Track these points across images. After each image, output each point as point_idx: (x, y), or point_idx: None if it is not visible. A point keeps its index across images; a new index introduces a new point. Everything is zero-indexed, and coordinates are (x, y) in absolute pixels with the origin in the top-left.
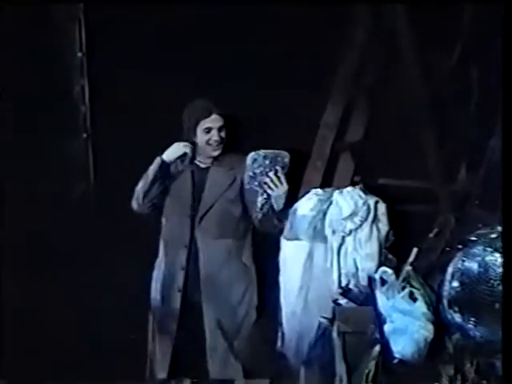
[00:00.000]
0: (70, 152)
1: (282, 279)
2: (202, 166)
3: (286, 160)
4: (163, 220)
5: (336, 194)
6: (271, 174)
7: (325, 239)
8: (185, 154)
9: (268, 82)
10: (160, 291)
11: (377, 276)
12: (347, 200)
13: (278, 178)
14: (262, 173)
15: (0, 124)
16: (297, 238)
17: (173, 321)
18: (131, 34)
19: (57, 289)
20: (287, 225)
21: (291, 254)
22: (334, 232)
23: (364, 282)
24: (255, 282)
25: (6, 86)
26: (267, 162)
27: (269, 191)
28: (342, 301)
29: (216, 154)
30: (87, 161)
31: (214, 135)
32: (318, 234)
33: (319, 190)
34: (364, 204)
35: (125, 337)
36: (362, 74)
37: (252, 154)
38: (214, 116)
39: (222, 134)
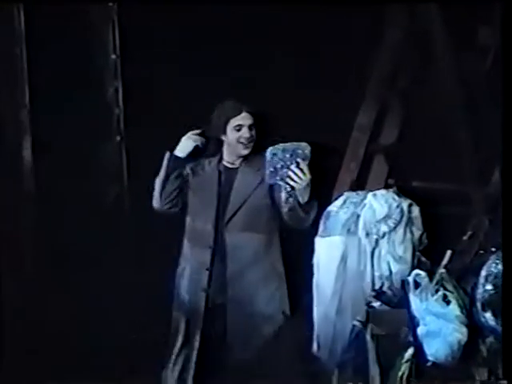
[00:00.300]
0: (104, 155)
1: (315, 282)
2: (230, 166)
3: (307, 151)
4: (188, 219)
5: (370, 196)
6: (293, 166)
7: (358, 242)
8: (196, 147)
9: (301, 82)
10: (187, 291)
11: (410, 279)
12: (381, 203)
13: (301, 169)
14: (283, 167)
15: (34, 126)
16: (331, 240)
17: (197, 321)
18: (165, 35)
19: (89, 289)
20: (321, 226)
21: (325, 257)
22: (367, 235)
23: (397, 284)
24: (285, 284)
25: (40, 88)
26: (287, 155)
27: (292, 184)
28: (376, 303)
29: (246, 152)
30: (121, 164)
31: (245, 132)
32: (351, 236)
33: (353, 193)
34: (398, 207)
35: (150, 337)
36: (396, 75)
37: (270, 149)
38: (244, 114)
39: (253, 132)
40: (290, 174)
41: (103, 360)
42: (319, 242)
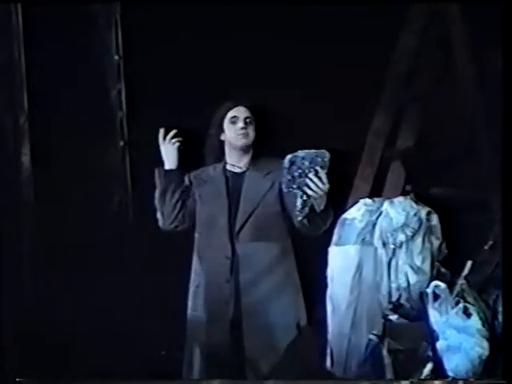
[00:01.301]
0: (107, 160)
1: (328, 293)
2: (236, 170)
3: (326, 159)
4: (196, 235)
5: (386, 204)
6: (311, 175)
7: (374, 252)
8: (176, 146)
9: (313, 85)
10: (205, 309)
11: (429, 290)
12: (398, 210)
13: (319, 178)
14: (301, 175)
15: (33, 131)
16: (345, 250)
17: (224, 335)
18: (169, 34)
19: (89, 297)
20: (335, 235)
21: (339, 267)
22: (384, 244)
23: (416, 296)
24: (301, 294)
25: (39, 91)
26: (306, 163)
27: (309, 192)
28: (393, 317)
29: (243, 142)
30: (124, 170)
31: (240, 123)
32: (367, 245)
33: (368, 200)
34: (415, 215)
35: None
36: (413, 77)
37: (289, 157)
38: (240, 107)
39: (250, 126)
40: (308, 182)
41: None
42: (333, 252)
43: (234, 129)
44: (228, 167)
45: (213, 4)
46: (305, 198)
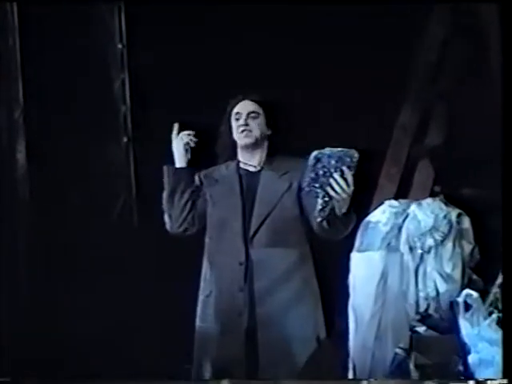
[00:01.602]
0: (109, 158)
1: (350, 303)
2: (250, 169)
3: (355, 159)
4: (207, 239)
5: (413, 206)
6: (336, 175)
7: (400, 258)
8: (186, 145)
9: (335, 79)
10: (217, 320)
11: (460, 300)
12: (426, 213)
13: (345, 179)
14: (326, 174)
15: (28, 127)
16: (368, 256)
17: (237, 349)
18: (178, 21)
19: (85, 306)
20: (357, 240)
21: (362, 275)
22: (411, 249)
23: (445, 306)
24: (320, 303)
25: (35, 84)
26: (332, 161)
27: (332, 193)
28: (421, 328)
29: (246, 140)
30: (128, 168)
31: (242, 119)
32: (392, 251)
33: (394, 202)
34: (445, 217)
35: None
36: (443, 71)
37: (315, 154)
38: (245, 101)
39: (253, 121)
40: (332, 182)
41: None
42: (355, 258)
43: (237, 126)
44: (241, 165)
45: None
46: (326, 198)
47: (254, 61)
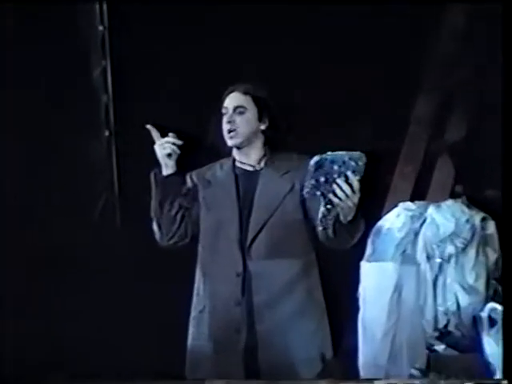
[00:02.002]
0: (88, 155)
1: (360, 318)
2: (248, 168)
3: (361, 163)
4: (200, 248)
5: (431, 208)
6: (340, 180)
7: (417, 267)
8: (169, 155)
9: (341, 69)
10: (210, 337)
11: (484, 315)
12: (446, 217)
13: (349, 184)
14: (329, 180)
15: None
16: (381, 266)
17: (235, 370)
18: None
19: (72, 308)
20: (368, 247)
21: (374, 287)
22: (428, 258)
23: (467, 322)
24: (326, 318)
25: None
26: (335, 167)
27: (335, 200)
28: (439, 347)
29: (232, 142)
30: (110, 165)
31: (227, 116)
32: (408, 260)
33: (410, 204)
34: (467, 222)
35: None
36: (464, 54)
37: (316, 159)
38: (233, 94)
39: (240, 117)
40: (335, 188)
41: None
42: (366, 268)
43: (224, 123)
44: (238, 164)
45: None
46: (329, 206)
47: (249, 49)
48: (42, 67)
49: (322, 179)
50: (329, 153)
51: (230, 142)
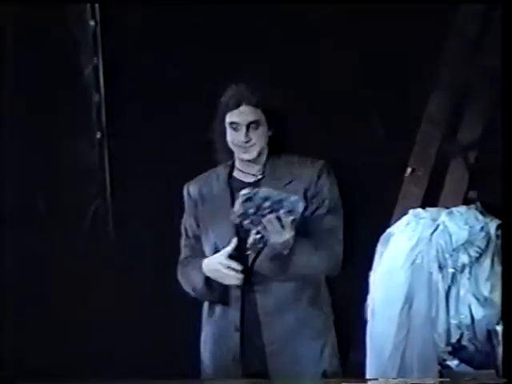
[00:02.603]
0: (79, 158)
1: (369, 331)
2: (247, 179)
3: (298, 208)
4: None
5: (444, 215)
6: (271, 216)
7: (428, 278)
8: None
9: (356, 63)
10: (210, 358)
11: (500, 328)
12: (459, 224)
13: (280, 222)
14: (258, 214)
15: None
16: (390, 276)
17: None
18: None
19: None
20: (377, 257)
21: (382, 299)
22: (441, 268)
23: (482, 336)
24: (332, 333)
25: None
26: (267, 203)
27: (264, 233)
28: (452, 362)
29: (247, 157)
30: (102, 168)
31: (241, 134)
32: (418, 270)
33: (420, 210)
34: (482, 229)
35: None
36: (477, 53)
37: (244, 192)
38: (242, 107)
39: (255, 132)
40: (265, 222)
41: None
42: (375, 279)
43: (236, 138)
44: (236, 175)
45: None
46: (259, 236)
47: (248, 49)
48: (29, 65)
49: (252, 211)
50: (263, 189)
51: (245, 157)
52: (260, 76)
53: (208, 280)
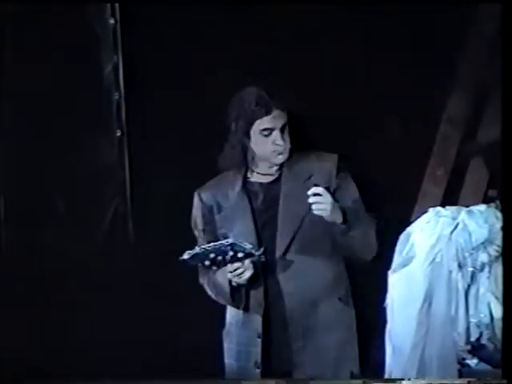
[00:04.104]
0: (98, 157)
1: (388, 331)
2: (266, 180)
3: (239, 254)
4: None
5: (464, 214)
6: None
7: (448, 276)
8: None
9: (376, 60)
10: (236, 360)
11: None
12: (479, 223)
13: (239, 260)
14: (215, 263)
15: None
16: (410, 275)
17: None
18: None
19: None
20: (396, 256)
21: (402, 297)
22: (460, 267)
23: (501, 335)
24: (354, 333)
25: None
26: (211, 255)
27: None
28: (471, 361)
29: (281, 160)
30: (122, 167)
31: (277, 138)
32: (438, 269)
33: (440, 209)
34: (501, 229)
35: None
36: (497, 52)
37: (187, 253)
38: (275, 112)
39: (285, 134)
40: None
41: None
42: (394, 277)
43: (270, 143)
44: (252, 178)
45: None
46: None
47: (264, 49)
48: (51, 64)
49: (207, 263)
50: (197, 248)
51: (279, 160)
52: (277, 78)
53: (231, 284)
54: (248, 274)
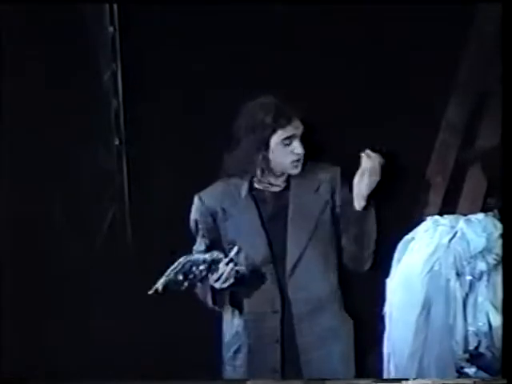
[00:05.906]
0: (97, 164)
1: (386, 338)
2: (272, 189)
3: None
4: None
5: (462, 222)
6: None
7: (446, 285)
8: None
9: (374, 69)
10: (246, 372)
11: None
12: (477, 231)
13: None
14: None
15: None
16: (408, 281)
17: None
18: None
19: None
20: (394, 264)
21: (400, 305)
22: (458, 275)
23: (500, 344)
24: (352, 339)
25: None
26: (201, 267)
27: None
28: (470, 370)
29: (297, 171)
30: (120, 174)
31: (297, 147)
32: (436, 277)
33: (439, 218)
34: (500, 237)
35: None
36: (496, 57)
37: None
38: (295, 122)
39: (301, 143)
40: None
41: None
42: (392, 285)
43: (289, 153)
44: (259, 186)
45: None
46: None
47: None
48: (50, 70)
49: (191, 276)
50: (196, 255)
51: (295, 171)
52: (288, 87)
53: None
54: (231, 278)
